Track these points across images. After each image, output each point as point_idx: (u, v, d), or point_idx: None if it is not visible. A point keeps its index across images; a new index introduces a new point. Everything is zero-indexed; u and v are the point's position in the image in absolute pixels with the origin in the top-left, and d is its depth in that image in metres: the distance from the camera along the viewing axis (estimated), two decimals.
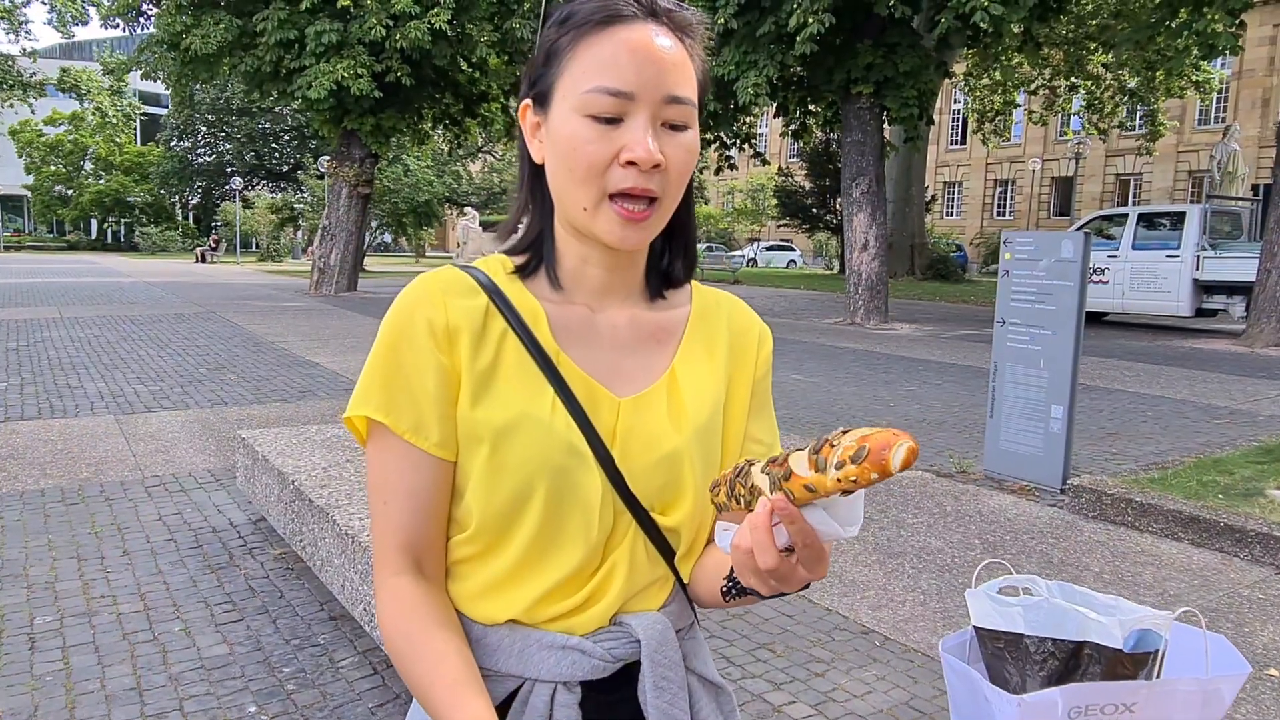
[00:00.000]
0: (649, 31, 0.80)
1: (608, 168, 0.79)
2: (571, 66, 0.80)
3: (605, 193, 0.80)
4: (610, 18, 0.80)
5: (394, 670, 2.83)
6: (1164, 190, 35.30)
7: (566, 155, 0.80)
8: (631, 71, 0.78)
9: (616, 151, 0.79)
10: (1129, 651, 1.10)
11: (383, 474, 0.85)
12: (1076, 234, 5.01)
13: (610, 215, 0.80)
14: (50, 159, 49.88)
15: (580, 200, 0.81)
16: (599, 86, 0.78)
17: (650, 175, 0.79)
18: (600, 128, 0.79)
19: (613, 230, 0.81)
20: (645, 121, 0.79)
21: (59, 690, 2.71)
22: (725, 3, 13.07)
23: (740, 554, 0.73)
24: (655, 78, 0.79)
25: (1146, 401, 7.90)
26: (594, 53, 0.79)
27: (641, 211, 0.80)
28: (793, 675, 2.92)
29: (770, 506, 0.69)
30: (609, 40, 0.79)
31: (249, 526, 4.23)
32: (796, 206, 32.82)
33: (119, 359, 9.34)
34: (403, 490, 0.83)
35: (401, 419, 0.83)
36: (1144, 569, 3.89)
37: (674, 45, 0.81)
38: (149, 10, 18.82)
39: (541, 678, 0.84)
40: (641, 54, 0.79)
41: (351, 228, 19.25)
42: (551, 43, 0.83)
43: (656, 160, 0.78)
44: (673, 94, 0.80)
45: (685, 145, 0.81)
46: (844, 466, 0.63)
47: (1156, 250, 13.97)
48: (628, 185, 0.79)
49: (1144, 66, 18.51)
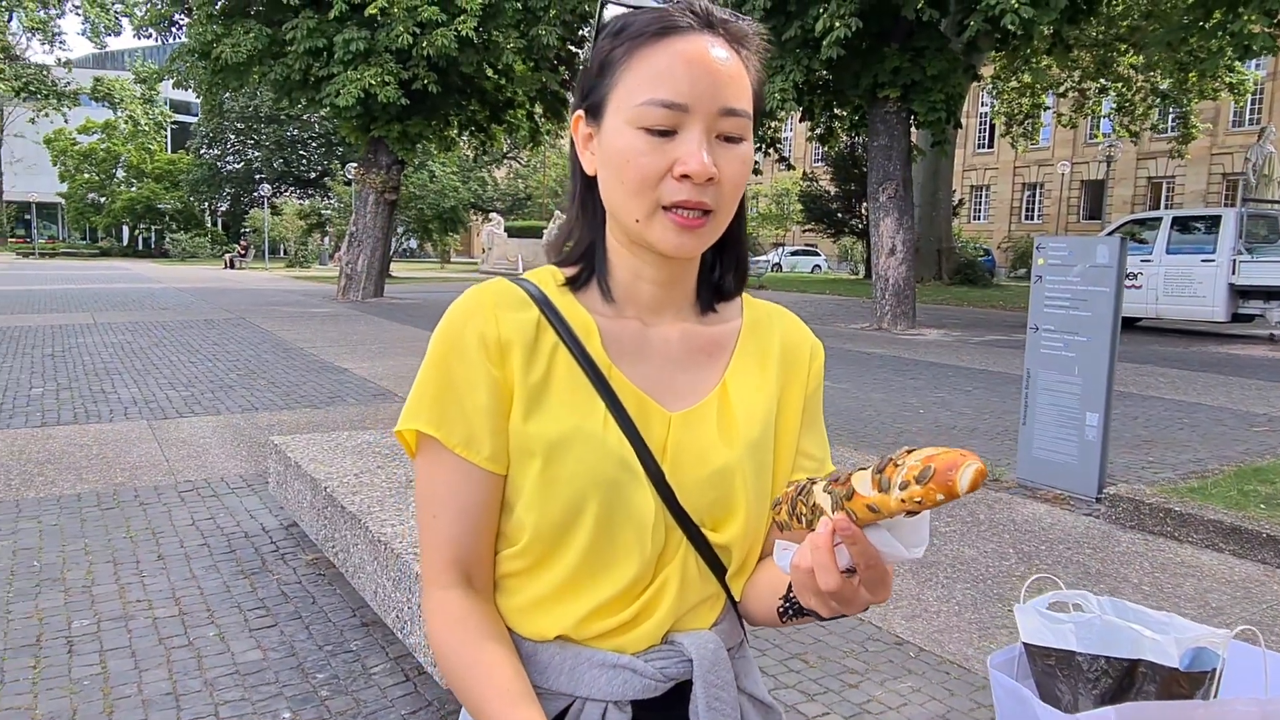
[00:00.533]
0: (704, 43, 0.79)
1: (661, 180, 0.78)
2: (626, 78, 0.79)
3: (658, 205, 0.79)
4: (665, 29, 0.79)
5: (426, 678, 2.84)
6: (1197, 194, 34.78)
7: (620, 167, 0.79)
8: (686, 83, 0.77)
9: (670, 164, 0.77)
10: (1185, 670, 1.07)
11: (432, 487, 0.84)
12: (1112, 239, 4.94)
13: (665, 222, 0.79)
14: (83, 167, 50.83)
15: (633, 212, 0.80)
16: (653, 99, 0.77)
17: (704, 188, 0.78)
18: (654, 140, 0.78)
19: (667, 237, 0.80)
20: (700, 134, 0.77)
21: (96, 694, 2.73)
22: (751, 8, 13.05)
23: (800, 574, 0.71)
24: (710, 89, 0.77)
25: (1183, 408, 7.77)
26: (649, 64, 0.78)
27: (696, 218, 0.79)
28: (826, 686, 2.89)
29: (832, 526, 0.68)
30: (664, 52, 0.78)
31: (281, 532, 4.26)
32: (821, 211, 32.65)
33: (151, 364, 9.46)
34: (453, 504, 0.83)
35: (453, 433, 0.82)
36: (1185, 580, 3.82)
37: (730, 56, 0.80)
38: (181, 20, 19.14)
39: (593, 696, 0.83)
40: (697, 65, 0.77)
41: (378, 234, 19.41)
42: (606, 54, 0.81)
43: (710, 174, 0.77)
44: (728, 106, 0.78)
45: (740, 158, 0.80)
46: (909, 487, 0.62)
47: (1191, 254, 13.76)
48: (680, 198, 0.78)
49: (1176, 68, 18.24)
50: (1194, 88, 19.62)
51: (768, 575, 0.89)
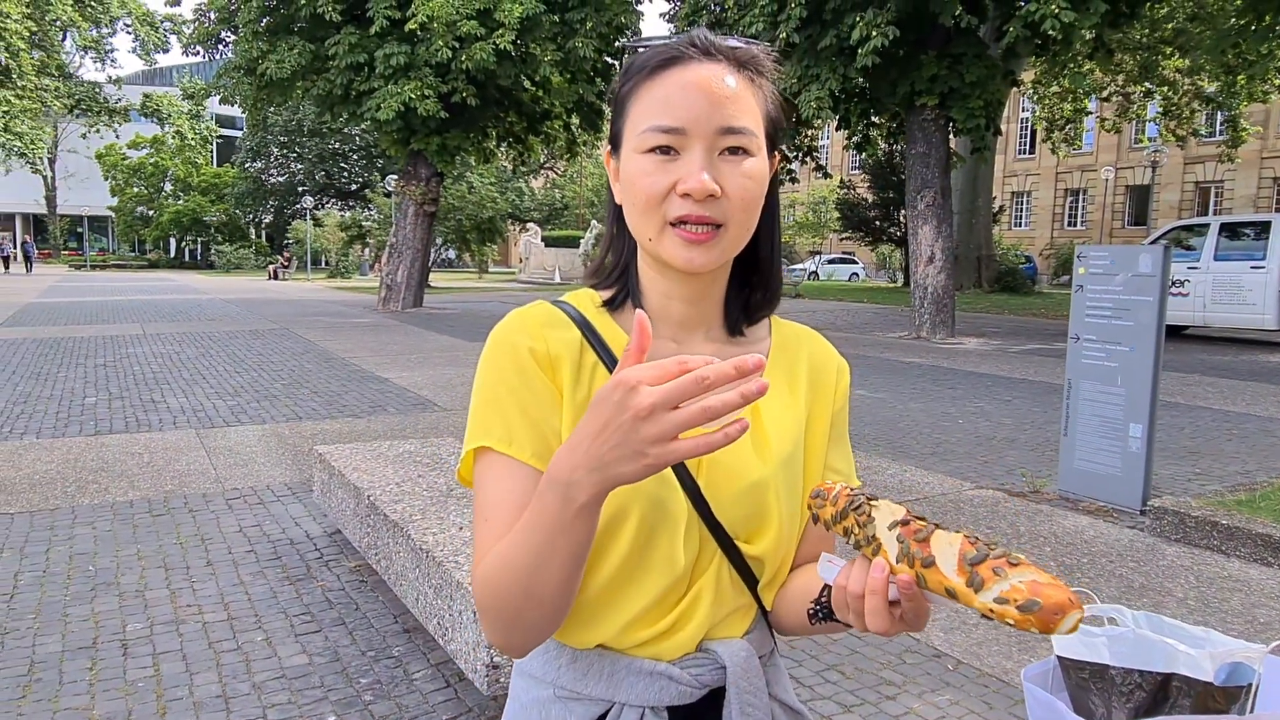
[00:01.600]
0: (704, 70, 0.83)
1: (665, 198, 0.83)
2: (633, 111, 0.85)
3: (665, 221, 0.83)
4: (666, 61, 0.84)
5: (467, 684, 2.89)
6: (1247, 198, 33.97)
7: (630, 190, 0.85)
8: (682, 108, 0.82)
9: (673, 183, 0.82)
10: (1220, 685, 1.08)
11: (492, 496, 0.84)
12: (1155, 248, 4.87)
13: (673, 238, 0.83)
14: (133, 181, 52.15)
15: (645, 230, 0.85)
16: (652, 125, 0.82)
17: (707, 204, 0.82)
18: (658, 161, 0.82)
19: (677, 252, 0.84)
20: (700, 154, 0.81)
21: (150, 696, 2.82)
22: (787, 17, 13.06)
23: (846, 596, 0.74)
24: (706, 110, 0.81)
25: (1231, 419, 7.60)
26: (651, 95, 0.84)
27: (704, 233, 0.83)
28: (863, 698, 2.89)
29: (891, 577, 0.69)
30: (664, 82, 0.83)
31: (325, 539, 4.36)
32: (859, 219, 32.47)
33: (199, 374, 9.70)
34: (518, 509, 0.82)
35: (525, 447, 0.84)
36: (1231, 595, 3.75)
37: (731, 79, 0.84)
38: (227, 38, 19.61)
39: (630, 702, 0.86)
40: (692, 90, 0.82)
41: (418, 245, 19.68)
42: (617, 93, 0.88)
43: (710, 190, 0.81)
44: (727, 125, 0.82)
45: (745, 172, 0.83)
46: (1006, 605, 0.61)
47: (1240, 261, 13.45)
48: (684, 213, 0.82)
49: (1223, 71, 17.88)
50: (1242, 90, 19.21)
51: (799, 582, 0.92)
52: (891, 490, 5.27)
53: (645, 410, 0.64)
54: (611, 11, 17.21)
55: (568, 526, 0.72)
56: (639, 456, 0.66)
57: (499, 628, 0.80)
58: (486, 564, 0.80)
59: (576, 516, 0.72)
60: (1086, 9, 11.55)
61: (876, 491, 0.87)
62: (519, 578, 0.76)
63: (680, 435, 0.65)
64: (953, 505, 5.01)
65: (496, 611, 0.79)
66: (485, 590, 0.79)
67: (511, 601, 0.77)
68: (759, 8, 13.52)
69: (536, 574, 0.75)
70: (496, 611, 0.79)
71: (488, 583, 0.79)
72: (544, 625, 0.80)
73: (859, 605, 0.73)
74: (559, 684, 0.89)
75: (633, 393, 0.64)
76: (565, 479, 0.70)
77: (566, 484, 0.70)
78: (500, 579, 0.78)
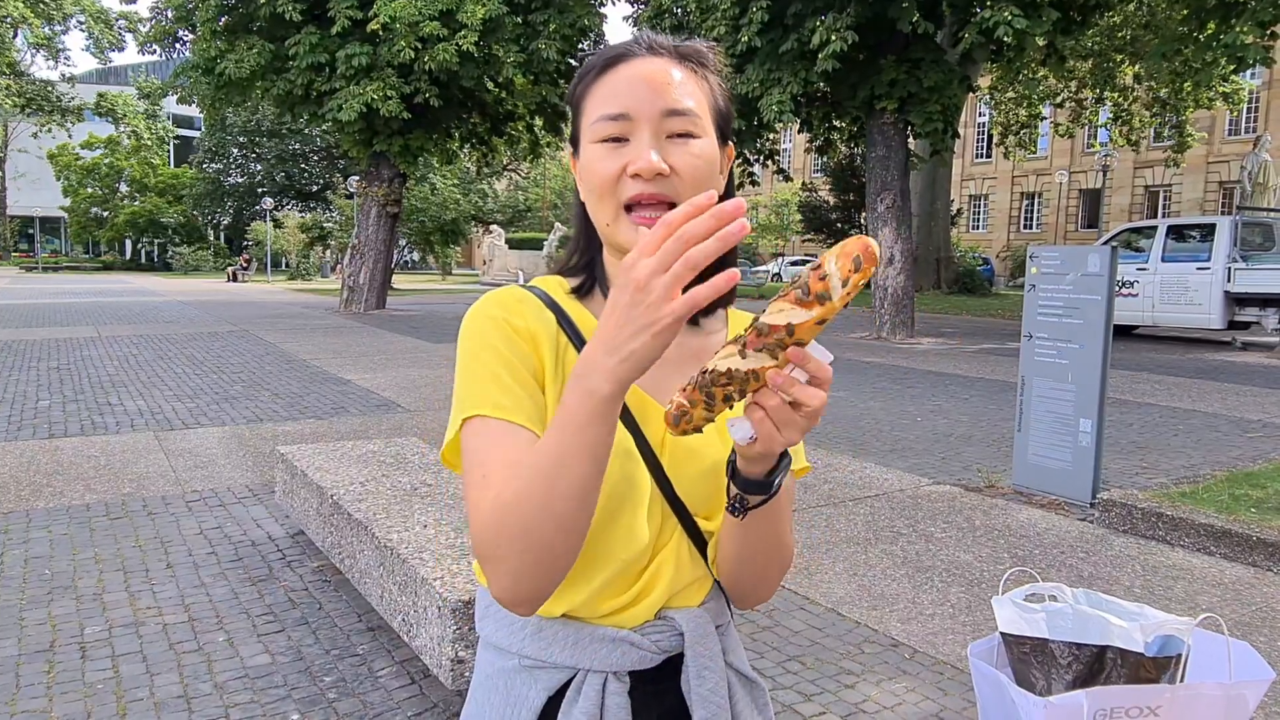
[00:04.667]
0: (649, 63, 0.88)
1: (618, 181, 0.87)
2: (586, 109, 0.90)
3: (620, 204, 0.87)
4: (613, 59, 0.89)
5: (432, 680, 2.91)
6: (1194, 202, 34.89)
7: (586, 179, 0.90)
8: (627, 96, 0.87)
9: (624, 166, 0.86)
10: (1152, 656, 1.15)
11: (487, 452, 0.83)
12: (1103, 248, 5.02)
13: (628, 224, 0.87)
14: (86, 181, 51.01)
15: (603, 216, 0.89)
16: (601, 115, 0.87)
17: (657, 183, 0.86)
18: (609, 148, 0.87)
19: (631, 237, 0.88)
20: (647, 136, 0.86)
21: (110, 698, 2.80)
22: (749, 21, 13.18)
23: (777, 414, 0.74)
24: (650, 95, 0.86)
25: (1177, 415, 7.83)
26: (600, 91, 0.89)
27: (655, 217, 0.86)
28: (823, 687, 2.96)
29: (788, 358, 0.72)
30: (612, 78, 0.89)
31: (287, 540, 4.33)
32: (821, 221, 32.79)
33: (156, 377, 9.54)
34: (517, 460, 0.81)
35: (519, 411, 0.85)
36: (1175, 583, 3.88)
37: (676, 71, 0.89)
38: (184, 36, 19.29)
39: (594, 668, 0.91)
40: (635, 79, 0.87)
41: (380, 246, 19.51)
42: (571, 95, 0.93)
43: (658, 169, 0.85)
44: (670, 107, 0.87)
45: (693, 151, 0.88)
46: (849, 282, 0.69)
47: (1187, 262, 13.83)
48: (636, 192, 0.86)
49: (1171, 78, 18.37)
50: (1189, 97, 19.75)
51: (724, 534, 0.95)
52: (851, 486, 5.36)
53: (643, 280, 0.67)
54: (575, 14, 17.23)
55: (586, 424, 0.73)
56: (647, 328, 0.68)
57: (514, 564, 0.77)
58: (503, 494, 0.78)
59: (596, 413, 0.72)
60: (1039, 17, 11.84)
61: (835, 489, 0.92)
62: (537, 489, 0.75)
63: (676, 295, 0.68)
64: (911, 501, 5.11)
65: (509, 543, 0.77)
66: (501, 521, 0.77)
67: (527, 521, 0.75)
68: (721, 11, 13.64)
69: (556, 481, 0.74)
70: (509, 543, 0.77)
71: (504, 511, 0.77)
72: (558, 552, 0.77)
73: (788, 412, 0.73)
74: (523, 653, 0.93)
75: (629, 270, 0.69)
76: (586, 372, 0.72)
77: (588, 377, 0.72)
78: (516, 499, 0.76)
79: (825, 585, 3.83)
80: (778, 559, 0.94)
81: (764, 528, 0.89)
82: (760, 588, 0.97)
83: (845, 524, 4.66)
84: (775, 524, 0.90)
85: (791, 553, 0.99)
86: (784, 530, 0.92)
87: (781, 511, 0.89)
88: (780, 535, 0.92)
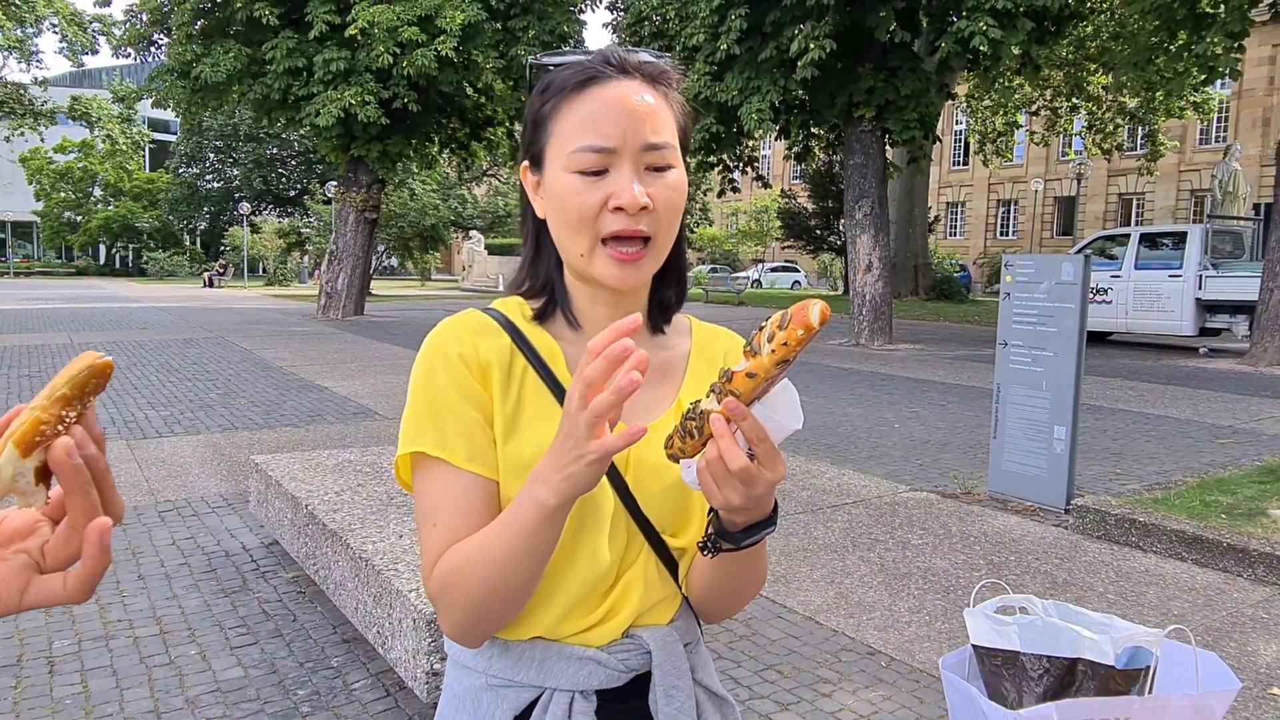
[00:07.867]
0: (623, 88, 0.87)
1: (598, 215, 0.86)
2: (558, 129, 0.88)
3: (598, 237, 0.87)
4: (586, 80, 0.88)
5: (407, 692, 2.88)
6: (1166, 210, 35.40)
7: (561, 208, 0.88)
8: (611, 127, 0.85)
9: (605, 199, 0.86)
10: (1121, 668, 1.16)
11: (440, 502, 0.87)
12: (1077, 257, 5.08)
13: (605, 258, 0.87)
14: (60, 186, 50.38)
15: (577, 247, 0.88)
16: (584, 145, 0.86)
17: (639, 217, 0.86)
18: (588, 179, 0.86)
19: (608, 272, 0.88)
20: (629, 170, 0.86)
21: (79, 713, 2.76)
22: (728, 29, 13.25)
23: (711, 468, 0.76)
24: (633, 128, 0.86)
25: (1150, 421, 7.93)
26: (575, 114, 0.87)
27: (634, 252, 0.87)
28: (800, 696, 2.96)
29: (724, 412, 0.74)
30: (587, 101, 0.87)
31: (261, 550, 4.29)
32: (800, 228, 32.97)
33: (130, 384, 9.43)
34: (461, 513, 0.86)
35: (457, 451, 0.87)
36: (1148, 589, 3.92)
37: (650, 95, 0.88)
38: (160, 40, 19.11)
39: (561, 687, 0.90)
40: (617, 109, 0.86)
41: (358, 252, 19.40)
42: (537, 110, 0.91)
43: (642, 204, 0.85)
44: (649, 141, 0.86)
45: (670, 184, 0.88)
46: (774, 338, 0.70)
47: (1159, 270, 14.03)
48: (618, 228, 0.86)
49: (1143, 87, 18.63)
50: (1161, 107, 20.02)
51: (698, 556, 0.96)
52: (830, 493, 5.38)
53: (574, 415, 0.70)
54: (554, 20, 17.26)
55: (536, 529, 0.78)
56: (579, 459, 0.72)
57: (459, 618, 0.85)
58: (451, 559, 0.84)
59: (544, 520, 0.78)
60: (1014, 27, 11.98)
61: (814, 496, 0.92)
62: (490, 572, 0.81)
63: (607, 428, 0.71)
64: (888, 507, 5.14)
65: (461, 603, 0.84)
66: (449, 582, 0.84)
67: (477, 593, 0.82)
68: (700, 19, 13.70)
69: (506, 570, 0.81)
70: (461, 603, 0.84)
71: (454, 575, 0.83)
72: (506, 614, 0.85)
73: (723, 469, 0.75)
74: (490, 672, 0.92)
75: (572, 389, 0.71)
76: (538, 481, 0.77)
77: (538, 486, 0.77)
78: (468, 571, 0.82)
79: (803, 593, 3.84)
80: (751, 588, 0.94)
81: (739, 565, 0.89)
82: (731, 609, 0.97)
83: (823, 531, 4.67)
84: (751, 561, 0.90)
85: (765, 577, 0.99)
86: (759, 563, 0.92)
87: (758, 548, 0.89)
88: (755, 567, 0.92)
